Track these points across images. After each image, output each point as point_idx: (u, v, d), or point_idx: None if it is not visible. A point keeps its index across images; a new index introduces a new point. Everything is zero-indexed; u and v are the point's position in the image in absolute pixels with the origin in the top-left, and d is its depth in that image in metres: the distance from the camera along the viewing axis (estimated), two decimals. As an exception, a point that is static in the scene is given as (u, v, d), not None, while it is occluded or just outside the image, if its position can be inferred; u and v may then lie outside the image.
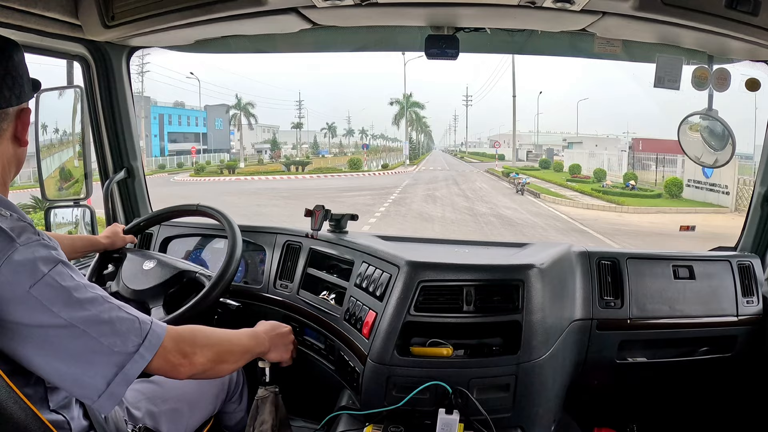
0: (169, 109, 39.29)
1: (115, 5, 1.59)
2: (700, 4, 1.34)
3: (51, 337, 0.88)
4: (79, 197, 2.04)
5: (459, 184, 25.02)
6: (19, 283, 0.85)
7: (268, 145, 44.15)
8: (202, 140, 40.31)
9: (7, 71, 0.98)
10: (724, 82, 1.71)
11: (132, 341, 0.95)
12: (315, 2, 1.45)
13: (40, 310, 0.86)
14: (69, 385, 0.94)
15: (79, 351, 0.90)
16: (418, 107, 49.27)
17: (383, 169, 35.52)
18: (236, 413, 1.67)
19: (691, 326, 1.76)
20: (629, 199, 18.52)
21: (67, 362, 0.90)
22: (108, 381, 0.93)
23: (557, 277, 1.62)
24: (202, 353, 1.10)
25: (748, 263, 1.84)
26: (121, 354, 0.94)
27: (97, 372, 0.92)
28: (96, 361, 0.92)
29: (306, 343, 1.83)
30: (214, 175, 30.56)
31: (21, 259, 0.86)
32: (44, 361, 0.89)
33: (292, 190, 20.91)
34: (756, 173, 1.91)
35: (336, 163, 37.55)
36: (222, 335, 1.21)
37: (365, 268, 1.66)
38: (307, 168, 33.31)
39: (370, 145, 52.07)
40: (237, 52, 2.04)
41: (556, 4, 1.41)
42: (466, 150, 57.09)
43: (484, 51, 1.99)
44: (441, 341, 1.48)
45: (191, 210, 1.85)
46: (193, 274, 1.70)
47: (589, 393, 1.87)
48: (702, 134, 1.80)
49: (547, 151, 38.69)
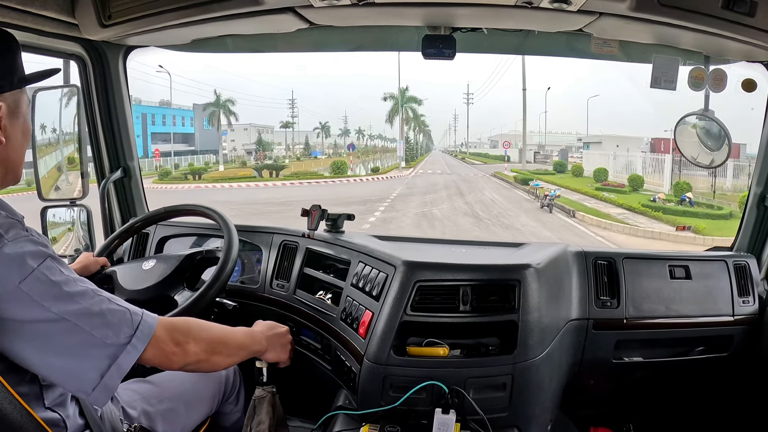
0: (152, 108, 36.72)
1: (111, 4, 1.59)
2: (696, 4, 1.34)
3: (43, 331, 0.88)
4: (75, 197, 2.03)
5: (464, 195, 20.07)
6: (8, 279, 0.85)
7: (265, 145, 41.59)
8: (191, 141, 38.56)
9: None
10: (721, 82, 1.72)
11: (124, 332, 0.96)
12: (312, 2, 1.44)
13: (30, 305, 0.87)
14: (63, 379, 0.94)
15: (72, 344, 0.91)
16: (415, 103, 45.18)
17: (373, 174, 31.66)
18: (233, 414, 1.67)
19: (687, 326, 1.77)
20: (706, 222, 13.90)
21: (60, 356, 0.90)
22: (101, 373, 0.93)
23: (554, 277, 1.62)
24: (195, 343, 1.10)
25: (744, 263, 1.84)
26: (113, 346, 0.94)
27: (91, 365, 0.92)
28: (89, 353, 0.92)
29: (303, 342, 1.83)
30: (177, 182, 26.59)
31: (10, 254, 0.86)
32: (37, 357, 0.89)
33: (238, 206, 15.61)
34: (752, 174, 1.92)
35: (324, 166, 33.21)
36: (217, 328, 1.22)
37: (362, 267, 1.66)
38: (283, 173, 29.29)
39: (367, 144, 49.46)
40: (234, 51, 2.04)
41: (552, 4, 1.41)
42: (467, 150, 54.66)
43: (481, 51, 1.99)
44: (437, 341, 1.48)
45: (160, 215, 1.88)
46: (201, 253, 1.74)
47: (585, 393, 1.87)
48: (698, 134, 1.80)
49: (561, 152, 34.58)
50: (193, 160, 34.19)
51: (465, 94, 51.70)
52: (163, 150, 33.88)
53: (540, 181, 21.26)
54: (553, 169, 28.41)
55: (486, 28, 1.75)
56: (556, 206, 16.16)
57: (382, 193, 19.76)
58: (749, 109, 1.91)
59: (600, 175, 22.29)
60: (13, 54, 1.01)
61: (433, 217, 15.00)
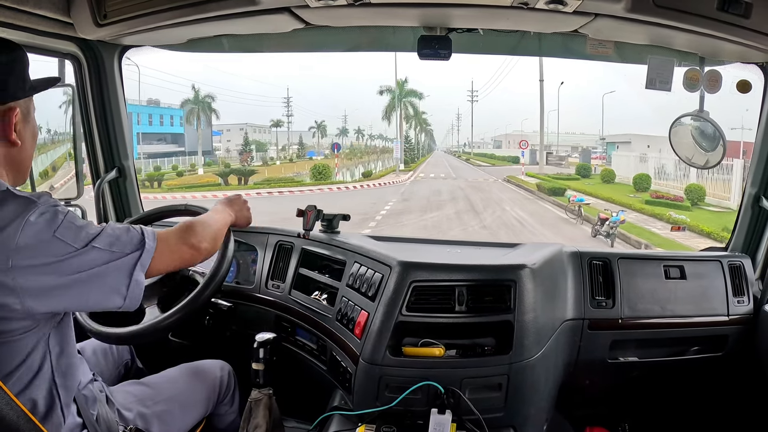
0: (138, 107, 33.29)
1: (107, 4, 1.58)
2: (691, 6, 1.35)
3: (76, 262, 1.03)
4: (69, 197, 2.02)
5: (479, 212, 14.98)
6: (46, 230, 1.01)
7: (253, 146, 38.37)
8: (181, 141, 35.31)
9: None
10: (716, 83, 1.72)
11: (136, 237, 1.13)
12: (308, 2, 1.44)
13: (64, 247, 1.02)
14: (97, 296, 1.07)
15: (99, 262, 1.06)
16: (416, 97, 40.39)
17: (364, 179, 26.04)
18: (228, 415, 1.66)
19: (682, 326, 1.77)
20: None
21: (90, 270, 1.05)
22: (130, 273, 1.08)
23: (549, 277, 1.63)
24: (206, 242, 1.28)
25: (738, 263, 1.85)
26: (131, 249, 1.10)
27: (119, 270, 1.08)
28: (116, 263, 1.08)
29: (298, 343, 1.83)
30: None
31: (43, 212, 1.02)
32: (70, 278, 1.03)
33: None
34: (747, 174, 1.93)
35: (307, 170, 27.84)
36: (214, 222, 1.38)
37: (357, 268, 1.66)
38: (254, 178, 25.01)
39: (367, 144, 45.62)
40: (230, 51, 2.03)
41: (548, 5, 1.41)
42: (470, 151, 51.60)
43: (477, 51, 1.99)
44: (433, 341, 1.48)
45: (180, 210, 1.83)
46: (186, 272, 1.68)
47: (581, 392, 1.88)
48: (693, 135, 1.81)
49: (582, 153, 29.89)
50: (179, 161, 32.15)
51: (469, 91, 48.86)
52: (150, 151, 32.12)
53: (583, 195, 16.00)
54: (576, 173, 23.71)
55: (482, 29, 1.75)
56: (619, 235, 11.22)
57: (366, 211, 14.30)
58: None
59: (642, 183, 17.80)
60: (24, 65, 1.12)
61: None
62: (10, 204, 1.01)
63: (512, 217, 14.22)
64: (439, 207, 15.82)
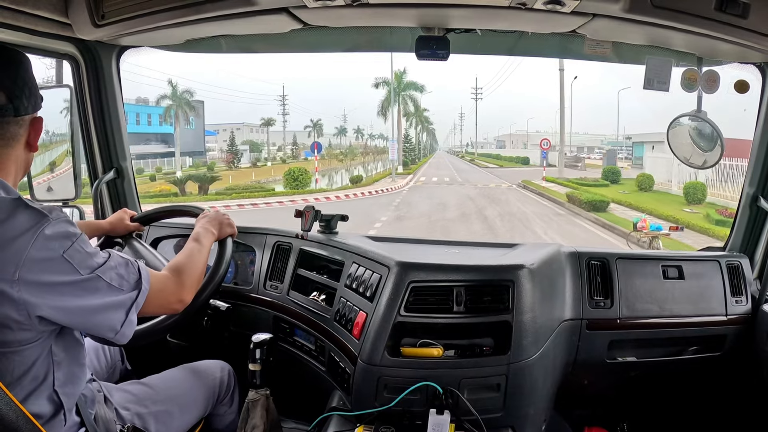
0: (126, 105, 32.82)
1: (105, 4, 1.58)
2: (689, 6, 1.35)
3: (80, 289, 1.05)
4: (67, 197, 2.02)
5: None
6: (55, 249, 1.02)
7: (247, 147, 37.23)
8: (171, 142, 32.90)
9: (25, 83, 1.10)
10: (714, 84, 1.72)
11: (132, 277, 1.14)
12: (306, 2, 1.44)
13: (70, 270, 1.03)
14: (93, 323, 1.08)
15: (98, 293, 1.07)
16: (416, 90, 36.16)
17: (352, 186, 21.93)
18: (227, 416, 1.66)
19: (680, 326, 1.78)
20: None
21: (92, 301, 1.07)
22: (126, 312, 1.10)
23: (547, 277, 1.63)
24: (194, 284, 1.31)
25: (736, 263, 1.85)
26: (128, 288, 1.12)
27: (117, 308, 1.09)
28: (113, 298, 1.09)
29: (296, 344, 1.83)
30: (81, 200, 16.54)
31: (56, 229, 1.03)
32: (73, 304, 1.04)
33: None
34: (745, 174, 1.93)
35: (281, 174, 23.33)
36: (198, 261, 1.36)
37: (355, 268, 1.66)
38: (215, 186, 21.19)
39: (367, 145, 43.28)
40: (228, 51, 2.03)
41: (546, 6, 1.41)
42: (474, 151, 49.99)
43: (475, 52, 1.99)
44: (431, 342, 1.48)
45: (180, 210, 1.83)
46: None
47: (579, 392, 1.88)
48: (691, 135, 1.81)
49: (608, 155, 25.93)
50: (163, 163, 30.69)
51: (473, 88, 47.49)
52: (138, 152, 30.40)
53: (658, 220, 11.71)
54: (603, 177, 20.27)
55: (480, 29, 1.75)
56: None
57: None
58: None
59: (696, 193, 14.39)
60: (30, 71, 1.15)
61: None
62: (23, 214, 1.02)
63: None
64: (445, 231, 11.90)
